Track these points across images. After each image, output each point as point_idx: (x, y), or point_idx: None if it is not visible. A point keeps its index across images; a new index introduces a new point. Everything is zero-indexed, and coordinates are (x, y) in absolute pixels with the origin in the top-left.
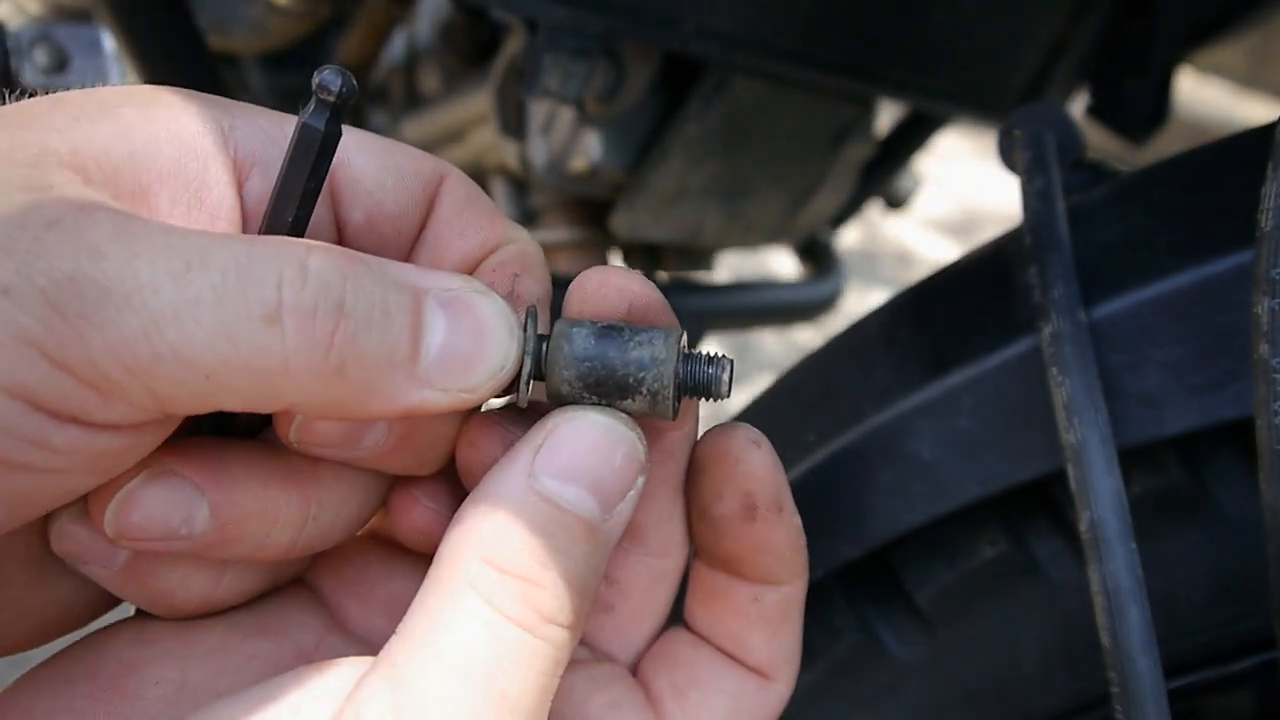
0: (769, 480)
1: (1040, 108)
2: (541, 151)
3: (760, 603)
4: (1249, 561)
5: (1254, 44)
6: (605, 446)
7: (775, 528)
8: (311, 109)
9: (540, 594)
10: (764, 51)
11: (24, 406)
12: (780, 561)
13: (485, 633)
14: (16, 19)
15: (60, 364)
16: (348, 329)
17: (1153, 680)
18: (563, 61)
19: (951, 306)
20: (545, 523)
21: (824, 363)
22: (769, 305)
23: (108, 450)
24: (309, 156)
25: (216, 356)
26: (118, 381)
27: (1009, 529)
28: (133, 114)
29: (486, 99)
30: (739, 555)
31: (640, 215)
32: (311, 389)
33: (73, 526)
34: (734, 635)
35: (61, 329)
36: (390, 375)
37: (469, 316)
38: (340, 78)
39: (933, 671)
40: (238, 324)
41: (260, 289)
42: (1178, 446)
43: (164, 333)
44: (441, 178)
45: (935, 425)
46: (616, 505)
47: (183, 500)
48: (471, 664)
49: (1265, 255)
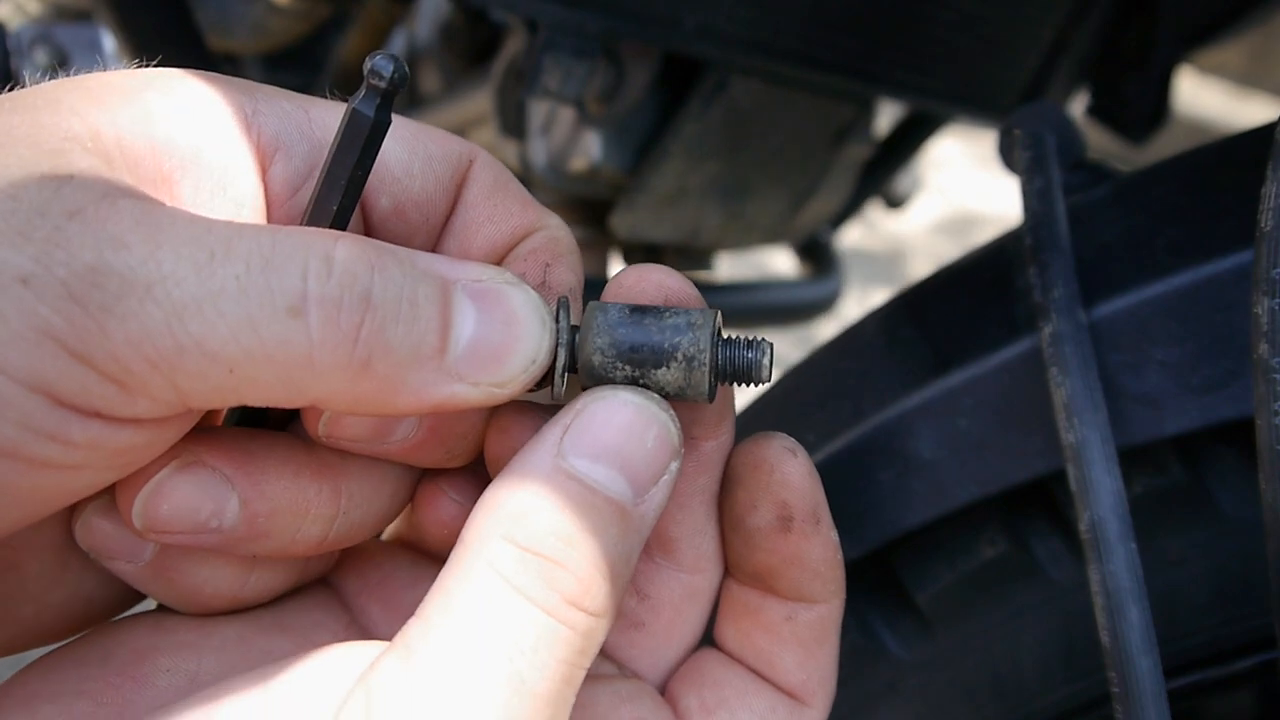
0: (805, 490)
1: (1040, 108)
2: (541, 151)
3: (794, 621)
4: (1249, 561)
5: (1254, 44)
6: (638, 427)
7: (811, 540)
8: (362, 95)
9: (564, 575)
10: (764, 52)
11: (45, 401)
12: (816, 578)
13: (504, 614)
14: (16, 19)
15: (81, 357)
16: (374, 321)
17: (1153, 680)
18: (563, 61)
19: (951, 306)
20: (571, 502)
21: (824, 363)
22: (769, 305)
23: (130, 445)
24: (358, 143)
25: (240, 349)
26: (140, 375)
27: (1009, 529)
28: (156, 98)
29: (486, 99)
30: (773, 569)
31: (640, 215)
32: (338, 383)
33: (98, 520)
34: (766, 655)
35: (83, 321)
36: (418, 369)
37: (500, 308)
38: (393, 64)
39: (933, 671)
40: (262, 316)
41: (285, 280)
42: (1178, 446)
43: (187, 325)
44: (470, 162)
45: (935, 425)
46: (649, 489)
47: (213, 492)
48: (488, 647)
49: (1265, 255)
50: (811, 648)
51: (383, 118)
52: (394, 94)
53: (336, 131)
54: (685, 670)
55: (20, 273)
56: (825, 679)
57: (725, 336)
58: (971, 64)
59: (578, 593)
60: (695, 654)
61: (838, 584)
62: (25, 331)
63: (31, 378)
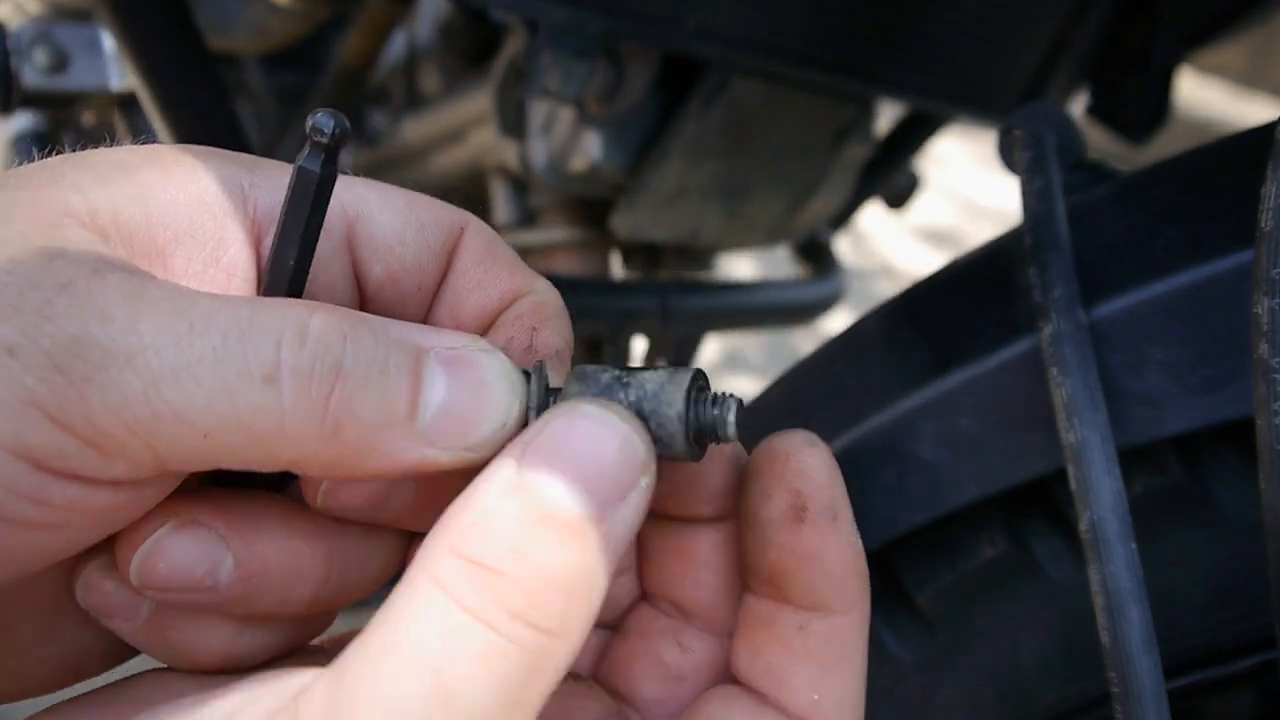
0: (822, 481)
1: (1040, 108)
2: (541, 151)
3: (806, 632)
4: (1249, 561)
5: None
6: (597, 438)
7: (827, 537)
8: (307, 152)
9: (506, 586)
10: (764, 52)
11: (26, 466)
12: (832, 582)
13: (436, 623)
14: (16, 19)
15: (62, 424)
16: (344, 389)
17: (1153, 680)
18: (563, 61)
19: (951, 306)
20: (525, 515)
21: (824, 363)
22: (769, 305)
23: (109, 505)
24: (306, 200)
25: (214, 417)
26: (118, 440)
27: (1009, 529)
28: (152, 175)
29: (486, 99)
30: (785, 569)
31: (640, 215)
32: (309, 448)
33: (99, 579)
34: (776, 673)
35: (64, 389)
36: (388, 434)
37: (470, 374)
38: (333, 120)
39: (933, 671)
40: (238, 384)
41: (259, 350)
42: (1178, 446)
43: (164, 393)
44: (462, 229)
45: (935, 425)
46: (614, 503)
47: (208, 551)
48: (417, 656)
49: (1265, 255)
50: (826, 665)
51: (327, 172)
52: (336, 148)
53: (286, 190)
54: (694, 707)
55: (8, 344)
56: (842, 704)
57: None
58: (971, 64)
59: (524, 606)
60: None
61: (858, 593)
62: (10, 399)
63: (14, 443)
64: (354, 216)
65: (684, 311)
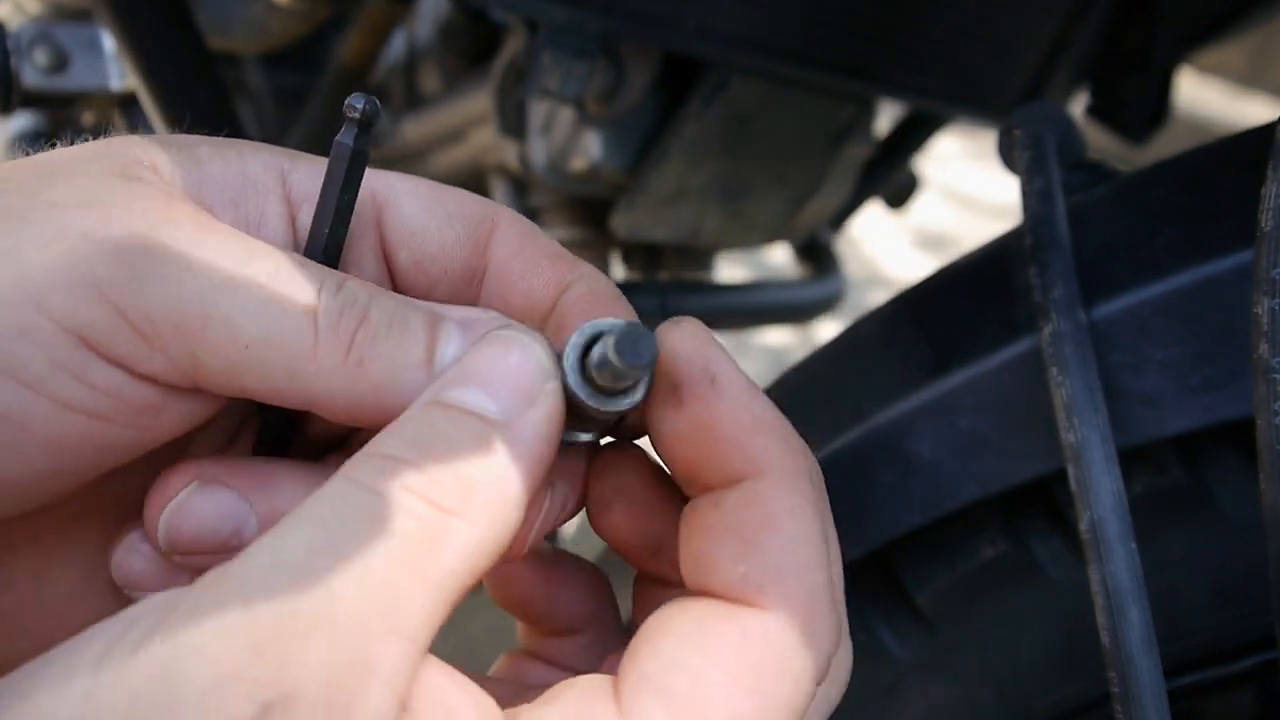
0: (688, 352)
1: (1040, 108)
2: (541, 151)
3: (722, 508)
4: (1249, 561)
5: (1254, 44)
6: (498, 349)
7: (709, 404)
8: (342, 130)
9: (404, 469)
10: (764, 52)
11: (76, 342)
12: (732, 447)
13: (334, 497)
14: (16, 19)
15: (118, 308)
16: (368, 331)
17: (1153, 680)
18: (563, 61)
19: (951, 306)
20: (432, 418)
21: (824, 363)
22: (769, 305)
23: (146, 404)
24: (341, 172)
25: (258, 329)
26: (165, 334)
27: (1009, 529)
28: (205, 150)
29: (486, 99)
30: (684, 456)
31: (640, 215)
32: (334, 382)
33: (133, 552)
34: (702, 560)
35: (126, 278)
36: (405, 376)
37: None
38: (364, 100)
39: (933, 671)
40: (282, 307)
41: (304, 285)
42: (1178, 446)
43: (217, 299)
44: (494, 222)
45: (935, 425)
46: (519, 406)
47: (232, 509)
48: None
49: (1265, 255)
50: (748, 536)
51: (360, 146)
52: (369, 124)
53: (328, 166)
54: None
55: (83, 228)
56: (774, 572)
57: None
58: (971, 64)
59: (420, 483)
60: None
61: (768, 452)
62: (73, 278)
63: (68, 319)
64: (383, 201)
65: (684, 311)
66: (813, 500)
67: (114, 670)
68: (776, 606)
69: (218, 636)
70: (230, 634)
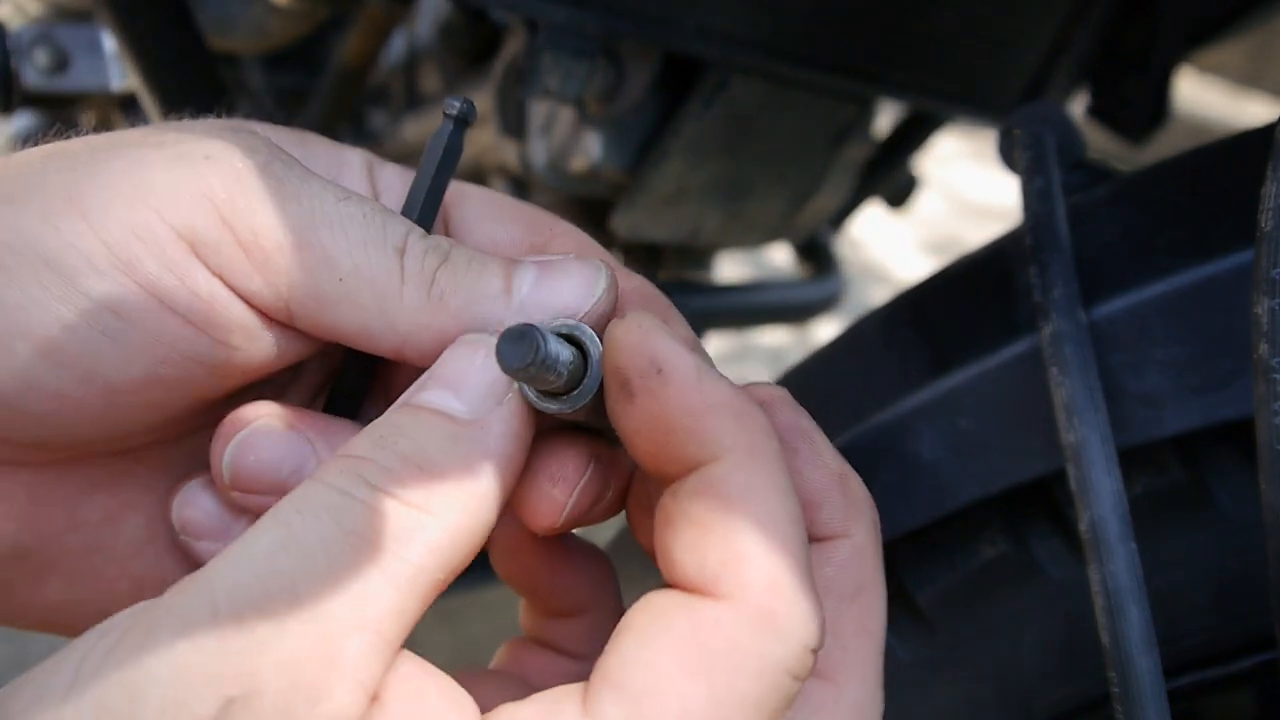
0: (633, 346)
1: (1040, 108)
2: (541, 151)
3: (678, 495)
4: (1249, 561)
5: (1254, 44)
6: (463, 350)
7: (658, 396)
8: (440, 126)
9: (367, 466)
10: (764, 52)
11: (187, 248)
12: (686, 437)
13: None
14: (16, 19)
15: (228, 222)
16: (449, 268)
17: (1153, 680)
18: (563, 61)
19: (951, 306)
20: (403, 422)
21: (824, 363)
22: (769, 305)
23: (239, 325)
24: (434, 163)
25: (351, 262)
26: (267, 253)
27: (1009, 529)
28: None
29: (486, 99)
30: (643, 448)
31: (640, 215)
32: (419, 318)
33: (197, 495)
34: (664, 551)
35: (240, 198)
36: (487, 305)
37: (559, 265)
38: (461, 101)
39: (933, 671)
40: (375, 243)
41: (396, 229)
42: (1178, 446)
43: (318, 229)
44: (551, 231)
45: (935, 425)
46: (484, 403)
47: (296, 450)
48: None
49: (1265, 255)
50: (706, 523)
51: (455, 141)
52: (464, 122)
53: (424, 153)
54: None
55: (206, 151)
56: (728, 559)
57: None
58: (971, 64)
59: (382, 478)
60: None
61: (720, 434)
62: (194, 193)
63: (183, 226)
64: (451, 200)
65: (684, 311)
66: (773, 479)
67: (85, 683)
68: (731, 595)
69: (181, 636)
70: (193, 633)
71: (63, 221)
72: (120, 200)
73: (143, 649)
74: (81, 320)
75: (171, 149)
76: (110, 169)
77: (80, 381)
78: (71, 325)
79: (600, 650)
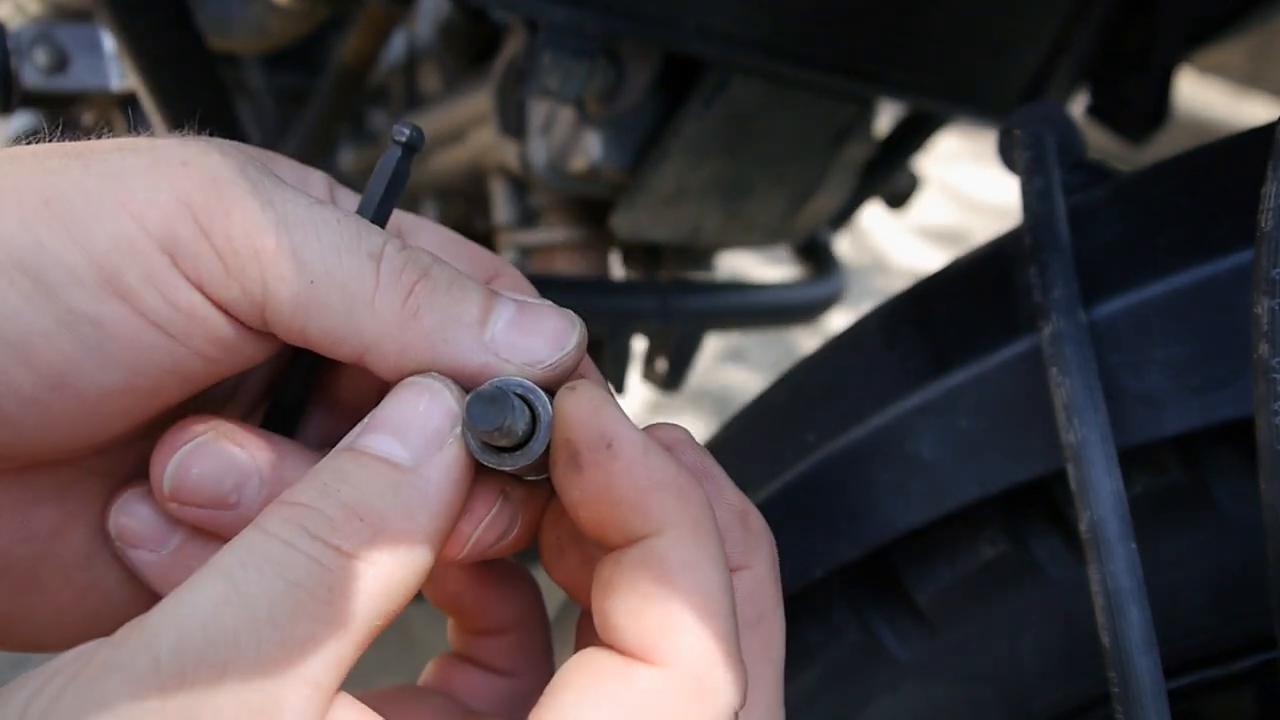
0: (583, 419)
1: (1040, 108)
2: (541, 151)
3: (620, 564)
4: (1249, 561)
5: (1254, 44)
6: (409, 396)
7: (606, 469)
8: (388, 151)
9: (309, 514)
10: (764, 52)
11: (167, 260)
12: (629, 509)
13: (241, 546)
14: (16, 19)
15: (206, 231)
16: (427, 285)
17: (1153, 680)
18: (563, 61)
19: (951, 306)
20: (345, 468)
21: (824, 363)
22: (769, 305)
23: (216, 335)
24: (382, 187)
25: (324, 267)
26: (242, 260)
27: (1009, 529)
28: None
29: (486, 99)
30: (587, 519)
31: (640, 215)
32: (389, 329)
33: (135, 504)
34: (604, 617)
35: (215, 204)
36: (459, 332)
37: (536, 309)
38: (411, 127)
39: (933, 671)
40: (348, 248)
41: (371, 237)
42: (1178, 446)
43: (291, 233)
44: (496, 271)
45: (935, 425)
46: (426, 449)
47: (240, 467)
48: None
49: (1265, 255)
50: (646, 591)
51: (402, 168)
52: (413, 148)
53: (372, 176)
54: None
55: (183, 158)
56: (667, 628)
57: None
58: (971, 64)
59: (323, 530)
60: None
61: (663, 510)
62: (173, 201)
63: (163, 237)
64: (406, 230)
65: (684, 311)
66: (711, 555)
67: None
68: (669, 662)
69: (125, 691)
70: (137, 688)
71: (43, 229)
72: (101, 209)
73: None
74: (60, 330)
75: (147, 155)
76: (89, 175)
77: (52, 388)
78: (49, 334)
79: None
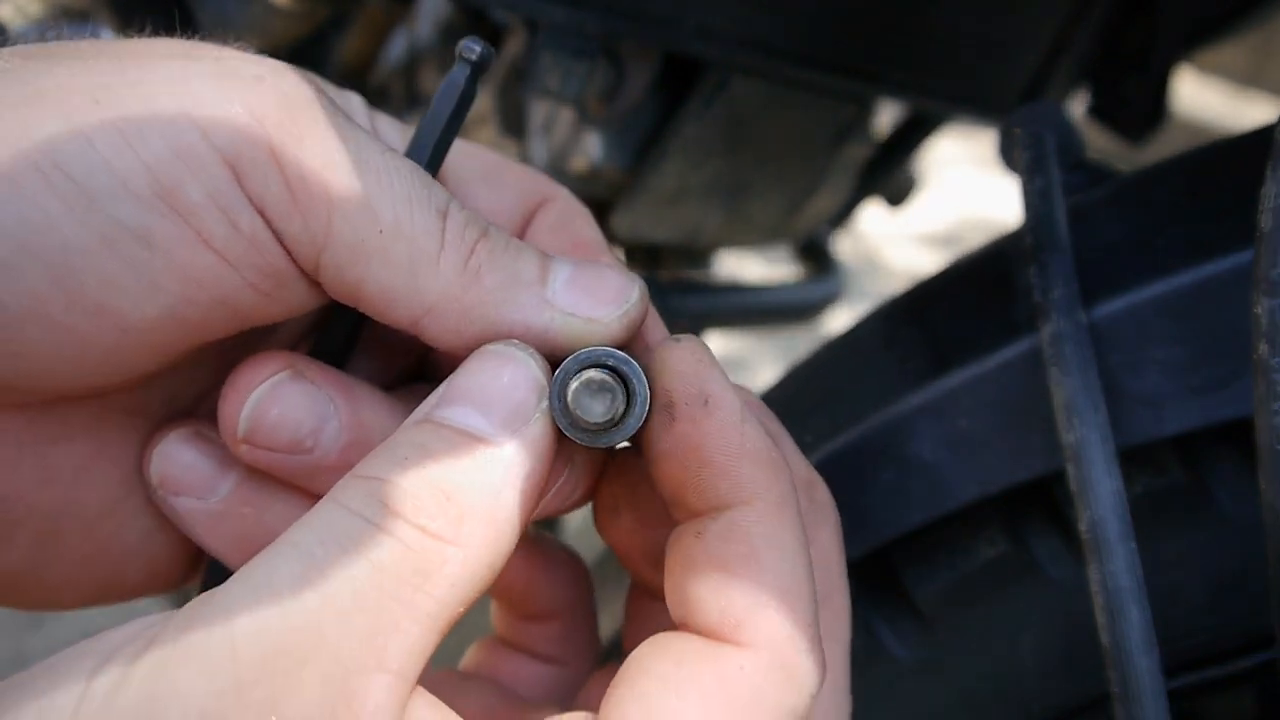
0: (685, 371)
1: (1040, 108)
2: (541, 151)
3: (704, 537)
4: (1249, 561)
5: (1254, 44)
6: (492, 366)
7: (700, 425)
8: (454, 69)
9: (390, 490)
10: (764, 52)
11: (231, 177)
12: (718, 472)
13: (318, 521)
14: (17, 19)
15: (277, 156)
16: (488, 245)
17: (1153, 680)
18: (563, 61)
19: (951, 306)
20: (425, 440)
21: (824, 363)
22: (769, 305)
23: (271, 268)
24: (448, 107)
25: (393, 217)
26: (310, 196)
27: (1009, 529)
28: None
29: (486, 99)
30: (672, 476)
31: (640, 215)
32: (452, 286)
33: (178, 448)
34: (684, 596)
35: (291, 129)
36: (520, 290)
37: (591, 265)
38: (480, 44)
39: (933, 671)
40: (420, 201)
41: (439, 193)
42: (1178, 446)
43: (365, 174)
44: (544, 198)
45: (935, 425)
46: (513, 423)
47: (318, 408)
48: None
49: (1265, 255)
50: (731, 567)
51: (470, 88)
52: (481, 66)
53: (435, 100)
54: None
55: (256, 73)
56: (753, 608)
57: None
58: (971, 64)
59: (404, 505)
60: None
61: (754, 480)
62: (246, 117)
63: (231, 153)
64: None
65: (684, 311)
66: (796, 533)
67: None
68: (754, 644)
69: (202, 674)
70: (214, 672)
71: (94, 130)
72: (162, 115)
73: (158, 687)
74: (103, 247)
75: (214, 64)
76: (147, 78)
77: (90, 315)
78: (89, 251)
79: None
